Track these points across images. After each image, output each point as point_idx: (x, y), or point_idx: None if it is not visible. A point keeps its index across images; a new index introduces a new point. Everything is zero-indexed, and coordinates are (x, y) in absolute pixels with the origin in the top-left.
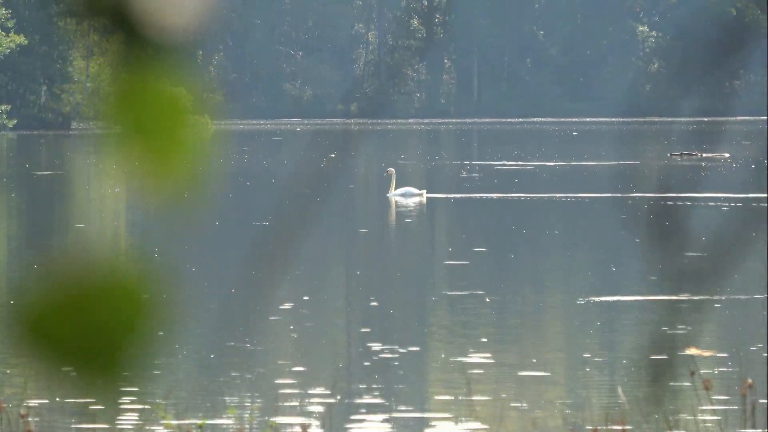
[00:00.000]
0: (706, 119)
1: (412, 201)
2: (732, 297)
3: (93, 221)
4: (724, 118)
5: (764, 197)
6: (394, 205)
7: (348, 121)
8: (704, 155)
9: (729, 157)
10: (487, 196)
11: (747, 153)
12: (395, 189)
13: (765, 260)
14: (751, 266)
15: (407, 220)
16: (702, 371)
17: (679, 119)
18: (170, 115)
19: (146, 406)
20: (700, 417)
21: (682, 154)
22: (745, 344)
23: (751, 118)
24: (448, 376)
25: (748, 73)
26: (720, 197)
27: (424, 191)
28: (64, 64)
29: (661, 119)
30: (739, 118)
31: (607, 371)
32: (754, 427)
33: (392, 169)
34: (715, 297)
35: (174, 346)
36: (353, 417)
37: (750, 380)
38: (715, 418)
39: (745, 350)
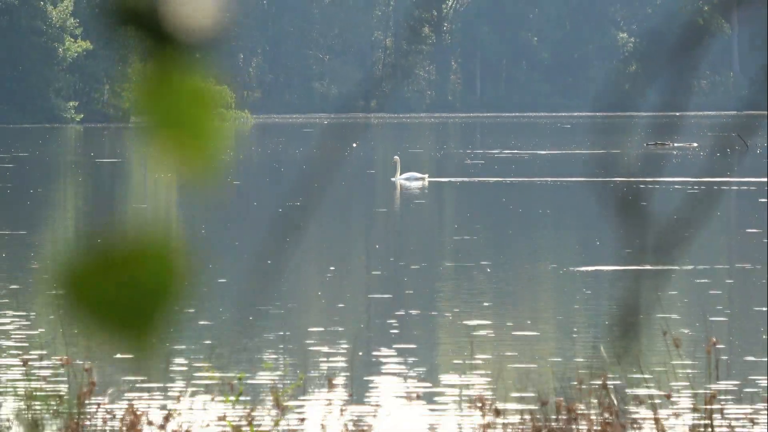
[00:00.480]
0: (677, 113)
1: (416, 184)
2: (698, 267)
3: (148, 200)
4: (693, 113)
5: (727, 181)
6: (399, 188)
7: (369, 115)
8: (675, 145)
9: (697, 146)
10: (486, 180)
11: (712, 143)
12: (400, 174)
13: (725, 234)
14: (713, 239)
15: (416, 201)
16: (673, 331)
17: (654, 113)
18: (198, 108)
19: (195, 363)
20: (672, 370)
21: (657, 143)
22: (710, 307)
23: (714, 113)
24: (454, 336)
25: (713, 74)
26: (689, 181)
27: (427, 176)
28: (124, 66)
29: (638, 114)
30: (705, 113)
31: (591, 331)
32: (717, 378)
33: (397, 157)
34: (684, 267)
35: (218, 309)
36: (372, 370)
37: (714, 339)
38: (685, 371)
39: (710, 312)
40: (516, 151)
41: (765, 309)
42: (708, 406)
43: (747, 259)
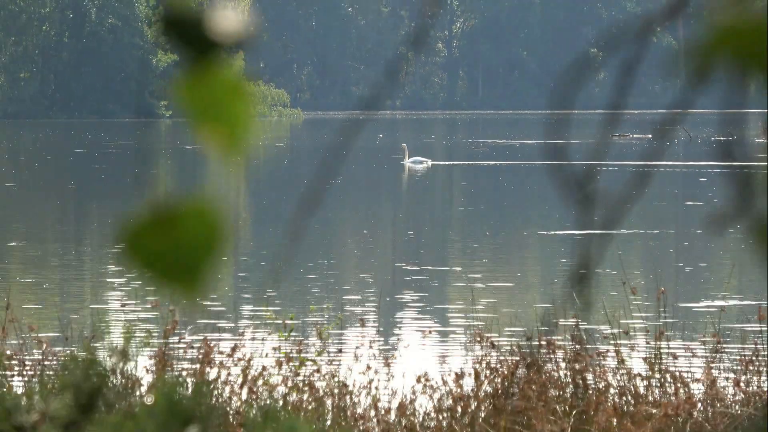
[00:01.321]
0: (636, 111)
1: (420, 166)
2: (649, 231)
3: (223, 180)
4: (648, 111)
5: (673, 164)
6: (407, 170)
7: (394, 112)
8: (635, 136)
9: (651, 137)
10: (484, 163)
11: (663, 135)
12: (408, 158)
13: (672, 205)
14: (663, 209)
15: (420, 179)
16: (631, 282)
17: (616, 111)
18: (232, 101)
19: (257, 307)
20: (629, 313)
21: (620, 135)
22: (660, 263)
23: (666, 111)
24: (459, 286)
25: (664, 80)
26: (646, 164)
27: (429, 160)
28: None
29: (606, 112)
30: (659, 111)
31: (566, 282)
32: (665, 318)
33: (404, 144)
34: (638, 231)
35: (276, 263)
36: (396, 312)
37: (662, 288)
38: (640, 313)
39: (659, 267)
40: (510, 141)
41: (704, 265)
42: (657, 342)
43: (689, 225)
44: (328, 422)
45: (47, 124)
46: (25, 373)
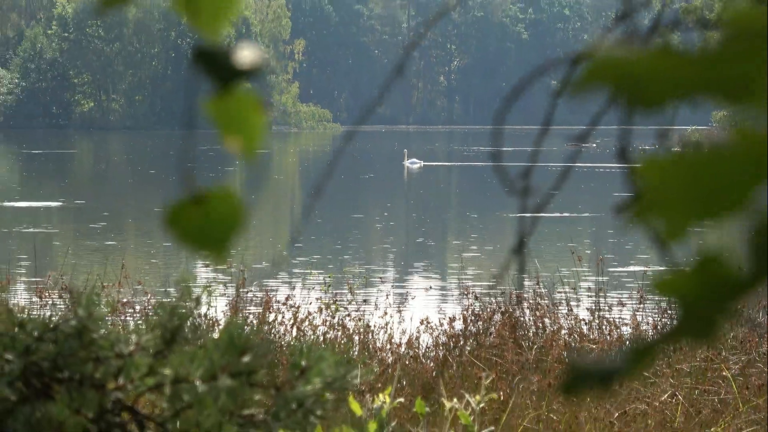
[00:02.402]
0: (584, 126)
1: (415, 166)
2: (585, 214)
3: (284, 173)
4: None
5: (610, 165)
6: (406, 169)
7: (408, 126)
8: (583, 145)
9: (596, 146)
10: (472, 164)
11: (608, 143)
12: (407, 159)
13: (609, 194)
14: (598, 197)
15: (414, 176)
16: (578, 253)
17: (571, 127)
18: (248, 116)
19: (305, 268)
20: (577, 276)
21: (572, 144)
22: (599, 238)
23: (615, 127)
24: (452, 254)
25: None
26: (593, 166)
27: (422, 162)
28: (272, 92)
29: (563, 128)
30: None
31: (534, 251)
32: (602, 275)
33: (405, 150)
34: (579, 214)
35: (319, 237)
36: (406, 273)
37: (601, 257)
38: (585, 276)
39: (598, 241)
40: (490, 148)
41: (632, 239)
42: (597, 296)
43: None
44: (356, 352)
45: (155, 135)
46: (132, 316)
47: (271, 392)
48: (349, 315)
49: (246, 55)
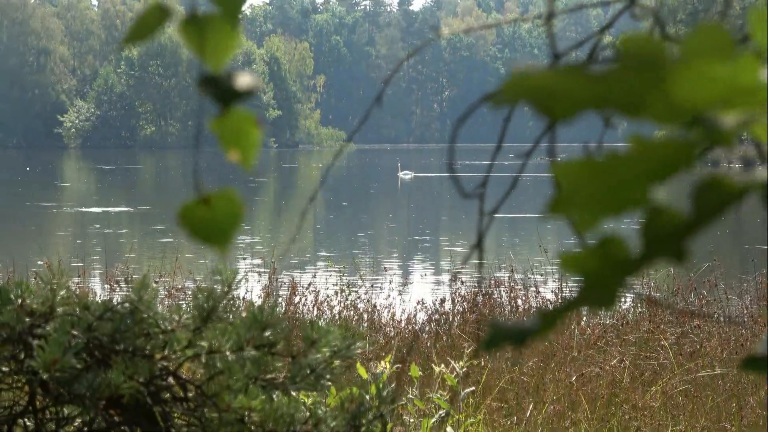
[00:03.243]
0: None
1: (407, 177)
2: (533, 215)
3: (308, 180)
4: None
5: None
6: (400, 179)
7: (408, 145)
8: (540, 159)
9: (542, 160)
10: (455, 175)
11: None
12: (400, 171)
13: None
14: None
15: (406, 185)
16: (543, 246)
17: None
18: (244, 131)
19: (325, 261)
20: (541, 265)
21: (541, 159)
22: (562, 233)
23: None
24: (445, 249)
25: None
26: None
27: (413, 172)
28: (299, 117)
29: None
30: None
31: (510, 252)
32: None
33: (399, 162)
34: (530, 215)
35: (337, 235)
36: (407, 263)
37: (563, 249)
38: (550, 264)
39: (563, 236)
40: (474, 162)
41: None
42: (560, 280)
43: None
44: (364, 327)
45: (205, 153)
46: (184, 299)
47: (288, 360)
48: (359, 297)
49: (242, 80)
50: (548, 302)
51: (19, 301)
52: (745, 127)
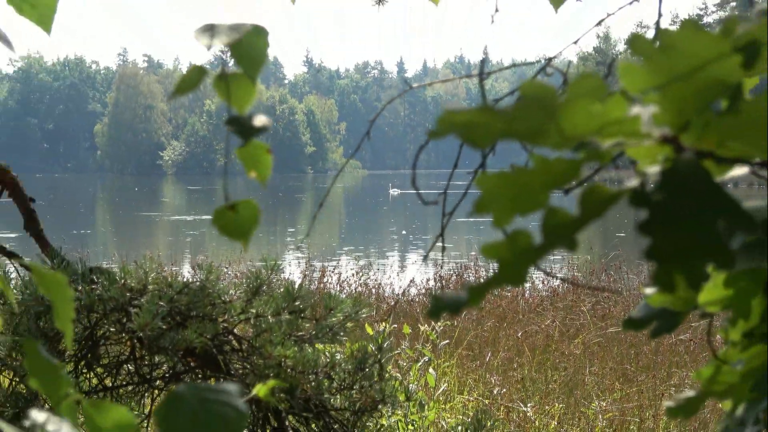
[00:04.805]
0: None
1: (396, 193)
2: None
3: (332, 199)
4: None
5: None
6: (390, 194)
7: (405, 170)
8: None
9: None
10: (434, 191)
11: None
12: (391, 188)
13: None
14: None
15: (395, 199)
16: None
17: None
18: (258, 154)
19: (346, 256)
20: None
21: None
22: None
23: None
24: (432, 241)
25: None
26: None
27: (400, 190)
28: (327, 152)
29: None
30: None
31: (475, 245)
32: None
33: (390, 183)
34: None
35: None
36: (404, 254)
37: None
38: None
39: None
40: (457, 183)
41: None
42: None
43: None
44: (372, 298)
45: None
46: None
47: (313, 322)
48: (369, 278)
49: (258, 120)
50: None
51: (122, 281)
52: (618, 149)
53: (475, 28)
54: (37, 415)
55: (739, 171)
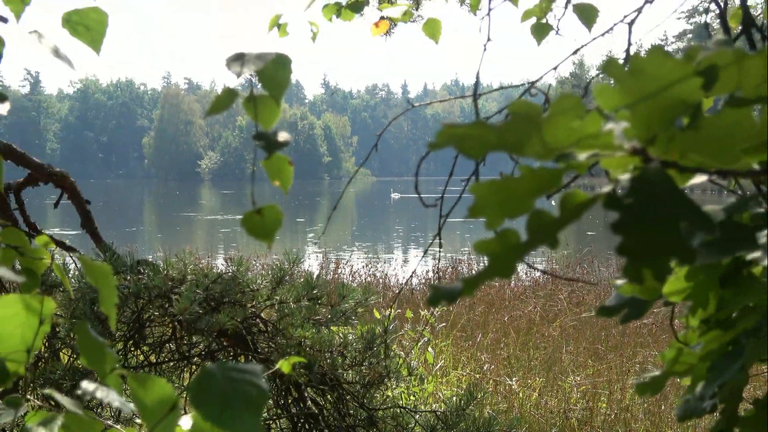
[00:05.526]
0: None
1: (396, 197)
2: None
3: (347, 200)
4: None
5: None
6: (392, 197)
7: (409, 178)
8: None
9: None
10: (432, 195)
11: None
12: (392, 193)
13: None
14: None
15: (398, 200)
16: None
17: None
18: (281, 165)
19: (358, 250)
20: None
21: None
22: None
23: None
24: (429, 236)
25: None
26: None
27: (399, 194)
28: (341, 162)
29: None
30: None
31: (468, 242)
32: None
33: (391, 188)
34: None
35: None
36: (406, 246)
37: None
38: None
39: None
40: (452, 188)
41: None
42: None
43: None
44: (380, 287)
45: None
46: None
47: (329, 307)
48: (376, 269)
49: (281, 135)
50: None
51: (165, 272)
52: (593, 159)
53: (469, 56)
54: (88, 385)
55: (699, 179)
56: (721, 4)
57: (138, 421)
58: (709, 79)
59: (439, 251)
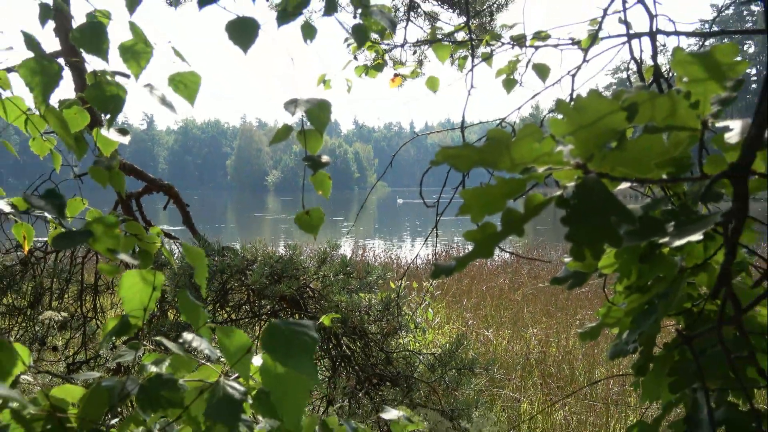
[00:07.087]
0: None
1: (400, 202)
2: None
3: (365, 208)
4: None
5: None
6: (398, 202)
7: (414, 189)
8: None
9: None
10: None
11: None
12: (398, 198)
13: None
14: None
15: (402, 204)
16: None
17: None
18: (323, 178)
19: (374, 240)
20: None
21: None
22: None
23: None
24: (428, 229)
25: None
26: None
27: (403, 200)
28: (367, 177)
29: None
30: None
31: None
32: None
33: (397, 196)
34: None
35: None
36: (411, 238)
37: None
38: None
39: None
40: (446, 195)
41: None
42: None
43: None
44: (394, 266)
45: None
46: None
47: (358, 280)
48: (392, 252)
49: (324, 158)
50: (490, 260)
51: (242, 254)
52: (548, 172)
53: (457, 101)
54: (187, 336)
55: (624, 185)
56: (638, 61)
57: (223, 360)
58: (631, 112)
59: (437, 239)
